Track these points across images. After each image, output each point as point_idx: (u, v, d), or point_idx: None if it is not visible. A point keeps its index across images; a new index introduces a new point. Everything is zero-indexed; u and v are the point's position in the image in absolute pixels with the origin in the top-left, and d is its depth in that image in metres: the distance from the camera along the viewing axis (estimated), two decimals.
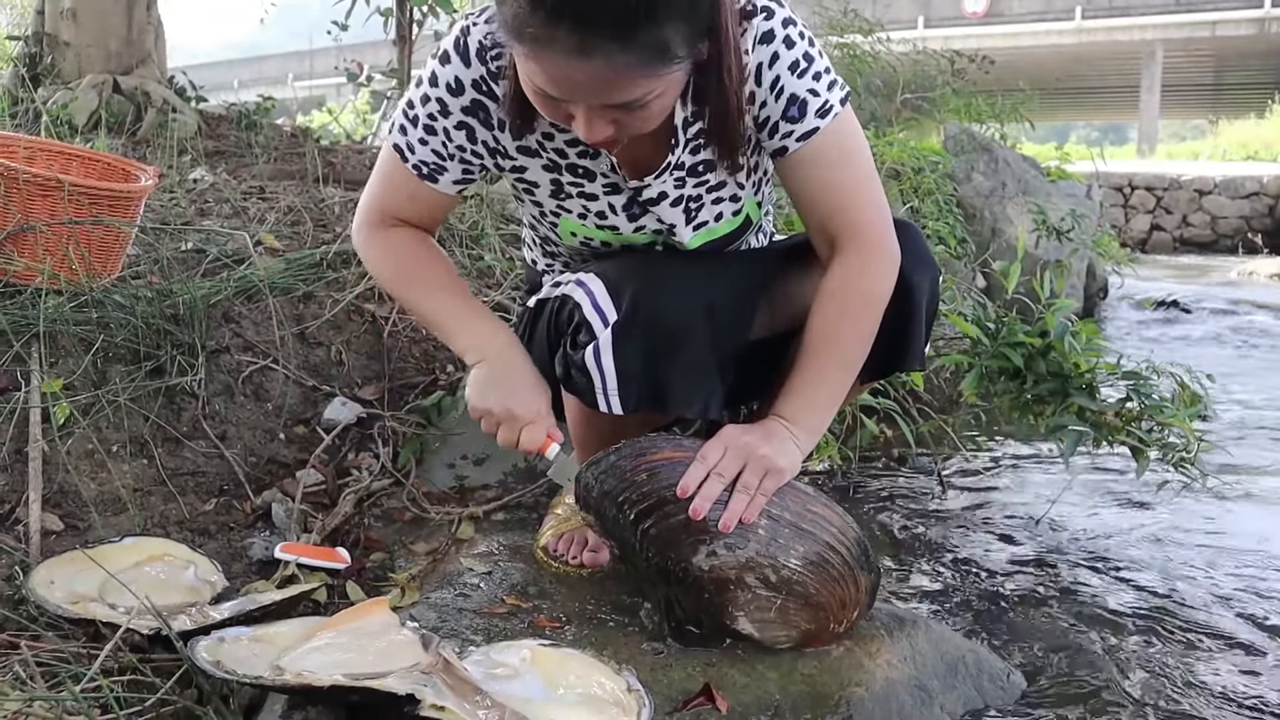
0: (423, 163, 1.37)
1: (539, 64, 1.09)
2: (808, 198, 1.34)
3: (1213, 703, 1.45)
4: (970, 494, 2.42)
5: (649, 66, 1.08)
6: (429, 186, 1.39)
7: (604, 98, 1.11)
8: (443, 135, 1.34)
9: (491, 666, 1.23)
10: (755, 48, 1.24)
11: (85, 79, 4.30)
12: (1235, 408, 3.36)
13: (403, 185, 1.40)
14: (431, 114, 1.33)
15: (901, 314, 1.40)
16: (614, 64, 1.05)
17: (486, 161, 1.38)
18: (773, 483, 1.30)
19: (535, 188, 1.42)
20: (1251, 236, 11.84)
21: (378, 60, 4.91)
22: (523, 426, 1.36)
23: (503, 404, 1.36)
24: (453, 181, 1.39)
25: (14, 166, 2.00)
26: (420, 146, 1.36)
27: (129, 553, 1.57)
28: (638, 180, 1.34)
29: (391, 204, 1.43)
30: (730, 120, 1.27)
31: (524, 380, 1.39)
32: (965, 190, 4.55)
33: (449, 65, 1.30)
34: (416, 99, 1.34)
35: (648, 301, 1.30)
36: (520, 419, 1.36)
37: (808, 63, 1.27)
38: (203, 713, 1.20)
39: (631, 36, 1.03)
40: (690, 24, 1.08)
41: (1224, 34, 20.90)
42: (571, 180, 1.38)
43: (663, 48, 1.06)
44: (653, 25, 1.03)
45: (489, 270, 2.72)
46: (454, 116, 1.32)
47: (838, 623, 1.35)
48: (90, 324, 2.01)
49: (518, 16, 1.05)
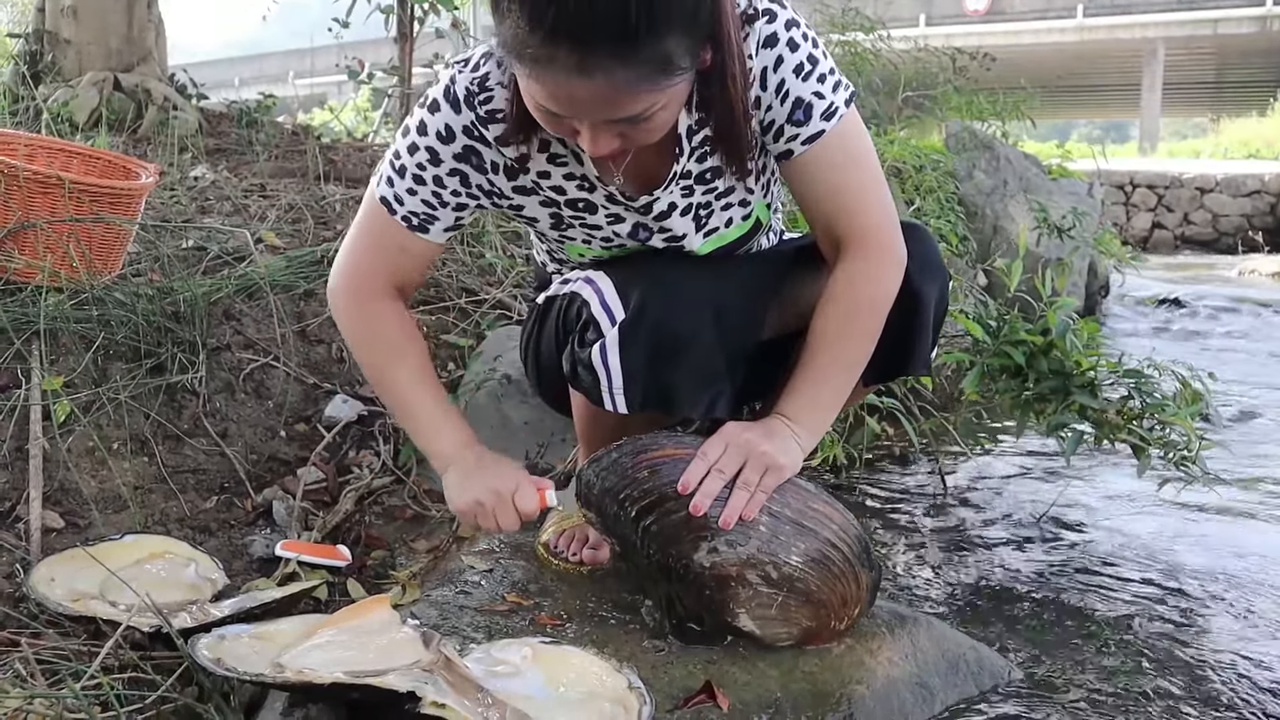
0: (413, 213, 1.34)
1: (540, 83, 1.07)
2: (813, 200, 1.34)
3: (1215, 700, 1.45)
4: (971, 492, 2.42)
5: (652, 80, 1.06)
6: (419, 238, 1.36)
7: (608, 113, 1.10)
8: (433, 184, 1.32)
9: (492, 664, 1.23)
10: (759, 52, 1.23)
11: (86, 76, 4.30)
12: (1236, 406, 3.36)
13: (392, 239, 1.37)
14: (420, 163, 1.31)
15: (907, 318, 1.39)
16: (616, 80, 1.04)
17: (484, 202, 1.37)
18: (773, 480, 1.29)
19: (535, 222, 1.41)
20: (1253, 235, 11.83)
21: (379, 58, 4.91)
22: (512, 497, 1.36)
23: (485, 488, 1.36)
24: (443, 229, 1.37)
25: (14, 164, 2.00)
26: (409, 197, 1.33)
27: (129, 550, 1.57)
28: (646, 195, 1.33)
29: (379, 262, 1.39)
30: (737, 126, 1.25)
31: (491, 462, 1.40)
32: (967, 188, 4.54)
33: (439, 113, 1.28)
34: (403, 149, 1.32)
35: (655, 302, 1.30)
36: (505, 492, 1.36)
37: (812, 65, 1.25)
38: (203, 710, 1.20)
39: (633, 53, 1.02)
40: (692, 35, 1.07)
41: (1226, 32, 20.88)
42: (572, 214, 1.37)
43: (665, 61, 1.05)
44: (654, 40, 1.02)
45: (490, 268, 2.72)
46: (446, 164, 1.31)
47: (839, 620, 1.35)
48: (91, 321, 2.01)
49: (517, 37, 1.04)
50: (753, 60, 1.23)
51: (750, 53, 1.23)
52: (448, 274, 2.61)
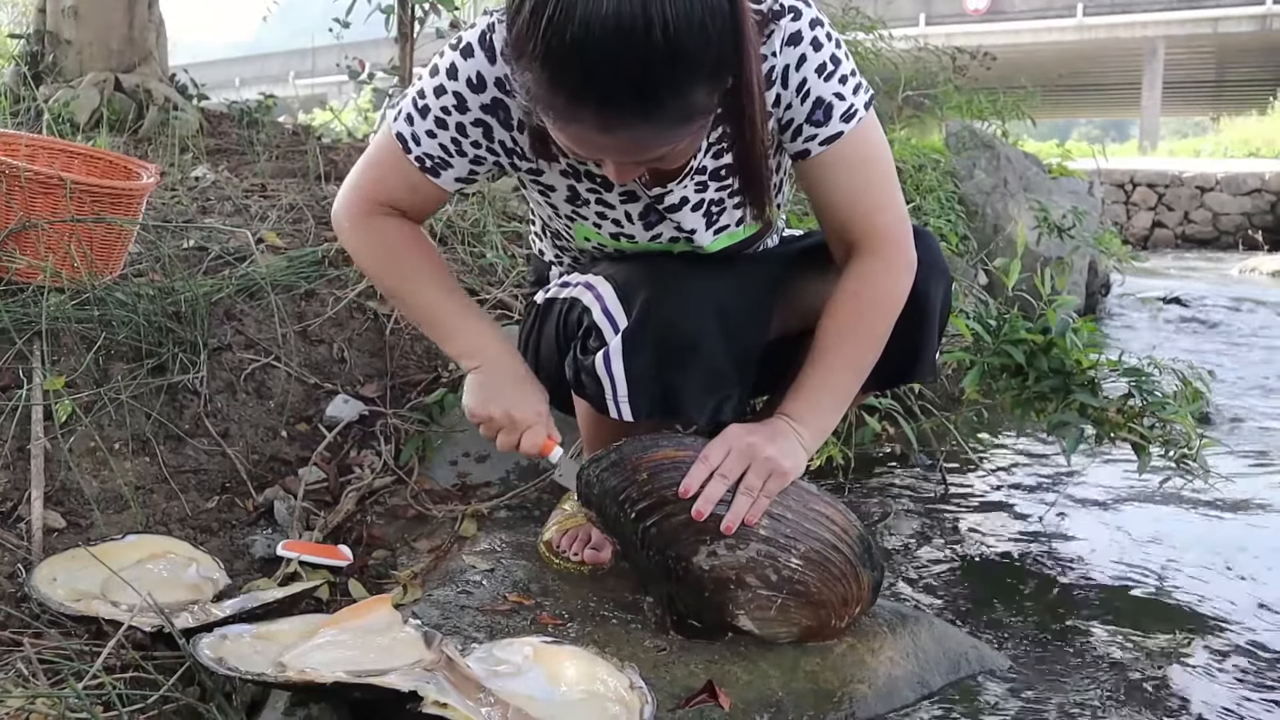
0: (428, 155, 1.31)
1: (564, 134, 1.07)
2: (828, 200, 1.33)
3: (1218, 698, 1.45)
4: (972, 491, 2.42)
5: (676, 129, 1.05)
6: (430, 180, 1.33)
7: (632, 158, 1.10)
8: (454, 130, 1.28)
9: (494, 664, 1.23)
10: (782, 49, 1.21)
11: (87, 77, 4.30)
12: (1237, 405, 3.36)
13: (401, 175, 1.34)
14: (446, 107, 1.27)
15: (913, 324, 1.39)
16: (639, 135, 1.04)
17: (502, 160, 1.33)
18: (776, 485, 1.29)
19: (551, 191, 1.38)
20: (1253, 233, 11.84)
21: (380, 58, 4.90)
22: (523, 431, 1.36)
23: (503, 408, 1.36)
24: (455, 178, 1.34)
25: (16, 164, 2.00)
26: (427, 139, 1.30)
27: (131, 550, 1.57)
28: (659, 186, 1.31)
29: (383, 192, 1.37)
30: (754, 148, 1.23)
31: (522, 384, 1.39)
32: (967, 187, 4.54)
33: (472, 59, 1.23)
34: (429, 89, 1.27)
35: (658, 308, 1.29)
36: (520, 423, 1.36)
37: (834, 65, 1.24)
38: (205, 710, 1.20)
39: (658, 111, 1.01)
40: (715, 80, 1.05)
41: (1225, 30, 20.87)
42: (589, 188, 1.35)
43: (687, 110, 1.04)
44: (676, 98, 1.01)
45: (491, 267, 2.72)
46: (472, 113, 1.27)
47: (839, 619, 1.35)
48: (92, 322, 2.01)
49: (539, 94, 1.02)
50: (775, 57, 1.22)
51: (774, 49, 1.21)
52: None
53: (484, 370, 1.38)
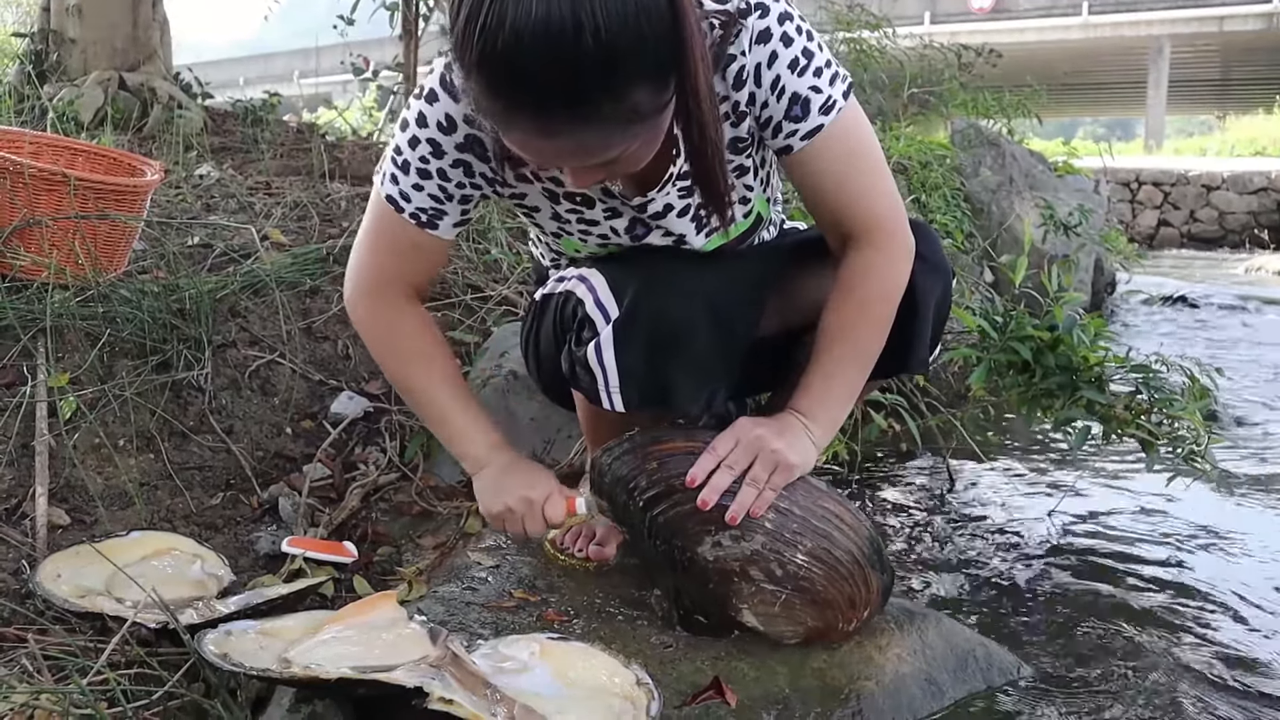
0: (420, 210, 1.31)
1: (509, 139, 1.06)
2: (817, 194, 1.32)
3: (1221, 699, 1.44)
4: (979, 488, 2.41)
5: (620, 131, 1.03)
6: (430, 234, 1.33)
7: (581, 162, 1.08)
8: (438, 178, 1.29)
9: (500, 660, 1.22)
10: (752, 48, 1.20)
11: (91, 75, 4.30)
12: (1243, 402, 3.35)
13: (404, 238, 1.34)
14: (423, 157, 1.27)
15: (907, 316, 1.38)
16: (582, 138, 1.02)
17: (486, 191, 1.33)
18: (782, 478, 1.29)
19: (536, 211, 1.39)
20: (1259, 232, 11.81)
21: (384, 57, 4.91)
22: (541, 506, 1.38)
23: (516, 495, 1.38)
24: (452, 224, 1.34)
25: (20, 161, 2.00)
26: (415, 193, 1.30)
27: (136, 547, 1.56)
28: (640, 195, 1.30)
29: (393, 264, 1.37)
30: (704, 151, 1.20)
31: (525, 469, 1.42)
32: (973, 185, 4.53)
33: (437, 103, 1.24)
34: (403, 143, 1.28)
35: (649, 299, 1.29)
36: (536, 501, 1.38)
37: (807, 59, 1.22)
38: (210, 706, 1.20)
39: (594, 114, 0.99)
40: (655, 80, 1.02)
41: (1231, 29, 20.82)
42: (570, 208, 1.35)
43: (629, 113, 1.02)
44: (614, 100, 0.99)
45: (495, 264, 2.72)
46: (449, 155, 1.27)
47: (846, 621, 1.34)
48: (96, 319, 2.01)
49: (478, 101, 1.02)
50: (746, 56, 1.20)
51: (744, 48, 1.20)
52: (453, 270, 2.61)
53: (487, 471, 1.43)
